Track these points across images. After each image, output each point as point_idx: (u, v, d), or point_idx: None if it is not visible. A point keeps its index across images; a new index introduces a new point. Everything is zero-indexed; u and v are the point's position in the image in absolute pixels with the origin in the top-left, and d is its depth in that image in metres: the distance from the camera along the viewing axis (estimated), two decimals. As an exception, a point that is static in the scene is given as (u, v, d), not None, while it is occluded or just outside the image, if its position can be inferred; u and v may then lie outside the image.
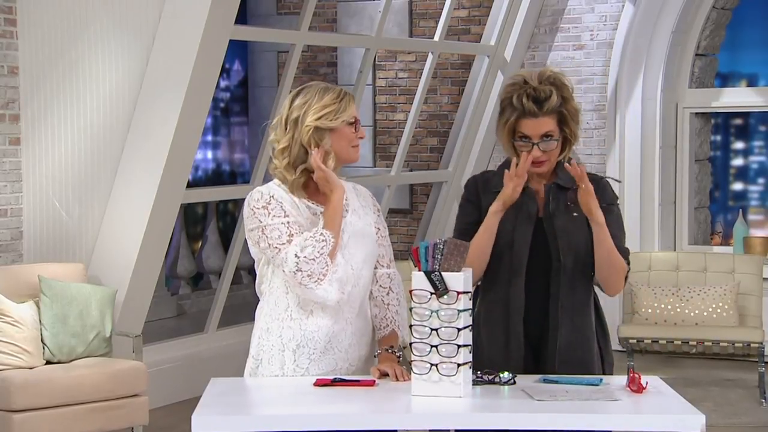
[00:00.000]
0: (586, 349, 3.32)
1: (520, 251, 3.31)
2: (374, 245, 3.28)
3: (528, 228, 3.32)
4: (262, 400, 3.08)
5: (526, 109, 3.28)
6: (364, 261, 3.24)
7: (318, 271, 3.12)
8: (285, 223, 3.16)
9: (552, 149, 3.31)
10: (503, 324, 3.33)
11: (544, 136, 3.30)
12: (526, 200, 3.34)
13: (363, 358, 3.29)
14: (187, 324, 8.27)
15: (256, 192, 3.24)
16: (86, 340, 5.73)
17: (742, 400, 6.77)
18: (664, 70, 8.18)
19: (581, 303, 3.34)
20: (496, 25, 8.45)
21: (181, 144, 6.06)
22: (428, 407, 2.95)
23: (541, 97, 3.28)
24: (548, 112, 3.28)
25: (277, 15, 10.01)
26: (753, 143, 9.27)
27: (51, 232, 6.26)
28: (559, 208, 3.33)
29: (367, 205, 3.34)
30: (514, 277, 3.32)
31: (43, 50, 6.19)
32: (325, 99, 3.20)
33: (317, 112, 3.18)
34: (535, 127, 3.29)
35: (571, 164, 3.26)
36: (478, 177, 3.47)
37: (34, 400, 5.32)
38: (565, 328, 3.30)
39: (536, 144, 3.29)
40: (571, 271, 3.31)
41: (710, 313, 6.88)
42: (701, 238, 8.53)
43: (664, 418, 2.88)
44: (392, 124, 9.33)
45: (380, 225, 3.34)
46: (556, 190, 3.35)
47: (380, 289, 3.31)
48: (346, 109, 3.20)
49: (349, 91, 3.26)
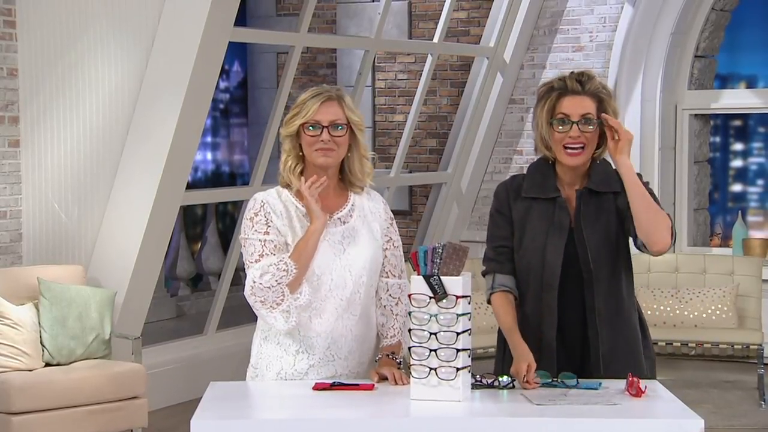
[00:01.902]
0: (629, 352, 3.28)
1: (552, 265, 3.26)
2: (378, 252, 3.26)
3: (560, 241, 3.26)
4: (261, 404, 3.08)
5: (569, 86, 3.26)
6: (363, 267, 3.23)
7: (271, 299, 3.12)
8: (261, 240, 3.16)
9: (590, 132, 3.24)
10: (535, 337, 3.27)
11: (584, 117, 3.25)
12: (558, 211, 3.28)
13: (364, 364, 3.28)
14: (186, 325, 8.27)
15: (252, 199, 3.27)
16: (85, 342, 5.73)
17: (741, 401, 6.77)
18: (664, 72, 8.18)
19: (620, 309, 3.27)
20: (495, 27, 8.45)
21: (180, 145, 6.06)
22: (427, 411, 2.94)
23: (583, 78, 3.29)
24: (590, 92, 3.25)
25: (277, 16, 10.01)
26: (752, 145, 9.27)
27: (50, 234, 6.26)
28: (591, 215, 3.27)
29: (377, 211, 3.31)
30: (547, 291, 3.27)
31: (42, 52, 6.19)
32: (297, 102, 3.23)
33: (289, 114, 3.22)
34: (576, 105, 3.24)
35: (604, 118, 3.21)
36: (508, 184, 3.39)
37: (34, 403, 5.32)
38: (605, 336, 3.25)
39: (576, 123, 3.24)
40: (606, 279, 3.25)
41: (709, 315, 6.88)
42: (700, 240, 8.53)
43: (662, 422, 2.88)
44: (392, 126, 9.33)
45: (392, 234, 3.31)
46: (588, 195, 3.29)
47: (390, 298, 3.30)
48: (302, 113, 3.18)
49: (330, 92, 3.21)
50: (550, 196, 3.31)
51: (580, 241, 3.27)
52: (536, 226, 3.30)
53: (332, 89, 3.25)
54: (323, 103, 3.19)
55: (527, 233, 3.31)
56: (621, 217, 3.28)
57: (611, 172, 3.33)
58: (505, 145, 8.71)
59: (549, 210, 3.28)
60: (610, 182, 3.30)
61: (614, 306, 3.27)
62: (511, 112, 8.63)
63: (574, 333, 3.28)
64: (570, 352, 3.28)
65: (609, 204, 3.29)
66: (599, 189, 3.29)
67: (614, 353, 3.25)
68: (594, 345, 3.26)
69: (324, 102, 3.19)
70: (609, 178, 3.31)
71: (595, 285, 3.26)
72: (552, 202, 3.30)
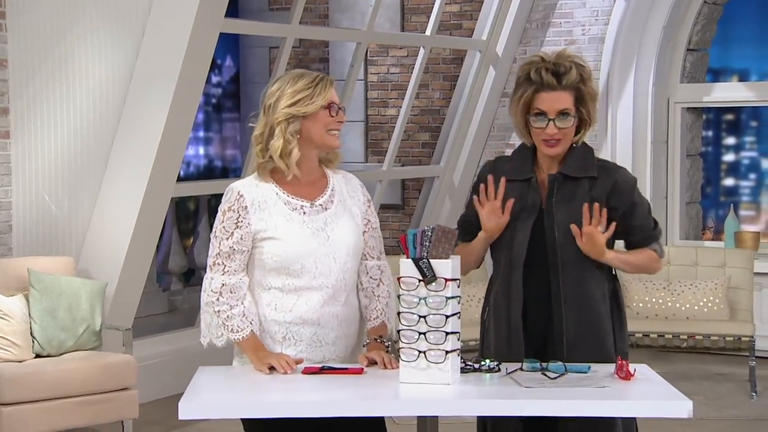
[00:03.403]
0: (597, 341, 3.25)
1: (519, 245, 3.26)
2: (359, 237, 3.26)
3: (529, 220, 3.25)
4: (249, 387, 3.06)
5: (545, 81, 3.19)
6: (348, 253, 3.22)
7: (208, 318, 3.20)
8: (222, 241, 3.15)
9: (568, 127, 3.21)
10: (506, 317, 3.28)
11: (561, 113, 3.22)
12: (531, 192, 3.27)
13: (350, 347, 3.27)
14: (178, 320, 8.25)
15: (228, 189, 3.23)
16: (76, 333, 5.71)
17: (733, 393, 6.77)
18: (656, 65, 8.18)
19: (590, 296, 3.25)
20: (487, 20, 8.45)
21: (171, 137, 6.04)
22: (416, 394, 2.93)
23: (560, 71, 3.20)
24: (567, 86, 3.19)
25: (269, 11, 10.01)
26: (744, 139, 9.28)
27: (41, 225, 6.24)
28: (563, 200, 3.24)
29: (356, 195, 3.31)
30: (514, 270, 3.27)
31: (32, 43, 6.17)
32: (299, 84, 3.17)
33: (290, 98, 3.16)
34: (553, 101, 3.20)
35: (594, 210, 3.18)
36: (491, 163, 3.40)
37: (23, 394, 5.29)
38: (571, 322, 3.22)
39: (552, 120, 3.21)
40: (572, 264, 3.22)
41: (701, 307, 6.88)
42: (693, 233, 8.53)
43: (651, 404, 2.88)
44: (384, 120, 9.32)
45: (370, 216, 3.31)
46: (562, 180, 3.27)
47: (371, 280, 3.29)
48: (320, 94, 3.16)
49: (327, 76, 3.22)
50: (526, 177, 3.31)
51: (549, 225, 3.26)
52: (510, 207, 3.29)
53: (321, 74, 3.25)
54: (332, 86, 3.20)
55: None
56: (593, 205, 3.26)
57: (590, 158, 3.31)
58: (497, 139, 8.70)
59: (523, 191, 3.27)
60: (587, 168, 3.29)
61: (580, 292, 3.24)
62: (503, 106, 8.63)
63: (538, 315, 3.28)
64: (533, 333, 3.27)
65: (583, 190, 3.27)
66: (574, 174, 3.28)
67: (579, 340, 3.23)
68: (558, 330, 3.25)
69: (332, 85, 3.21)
70: (586, 164, 3.29)
71: (561, 270, 3.24)
72: (527, 183, 3.30)
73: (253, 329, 3.16)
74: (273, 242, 3.16)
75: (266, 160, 3.20)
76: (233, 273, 3.17)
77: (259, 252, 3.18)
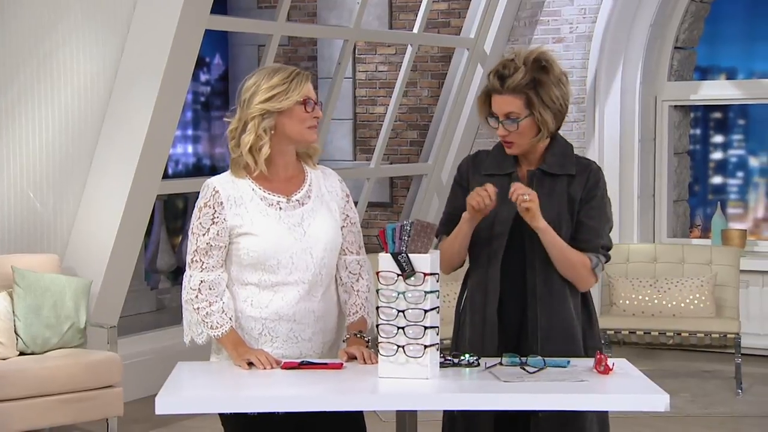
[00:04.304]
0: (568, 338, 3.25)
1: (498, 238, 3.26)
2: (337, 232, 3.24)
3: (509, 214, 3.25)
4: (227, 382, 3.05)
5: (491, 84, 3.26)
6: (325, 249, 3.21)
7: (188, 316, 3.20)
8: (199, 238, 3.14)
9: (514, 131, 3.23)
10: (481, 310, 3.29)
11: (507, 116, 3.24)
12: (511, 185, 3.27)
13: (328, 344, 3.26)
14: (166, 318, 8.23)
15: (204, 185, 3.22)
16: (60, 331, 5.69)
17: (719, 390, 6.78)
18: (643, 63, 8.19)
19: (559, 293, 3.25)
20: (475, 18, 8.44)
21: (156, 134, 6.03)
22: (395, 388, 2.93)
23: (505, 74, 3.22)
24: (510, 90, 3.20)
25: (258, 9, 10.00)
26: (732, 137, 9.29)
27: (25, 223, 6.22)
28: (541, 196, 3.23)
29: (334, 190, 3.29)
30: (491, 264, 3.27)
31: (17, 41, 6.14)
32: (274, 80, 3.15)
33: (265, 93, 3.14)
34: (500, 104, 3.24)
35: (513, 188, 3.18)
36: (471, 158, 3.41)
37: (7, 391, 5.27)
38: (544, 319, 3.23)
39: (501, 122, 3.25)
40: (544, 260, 3.23)
41: (687, 304, 6.89)
42: (680, 231, 8.54)
43: (629, 397, 2.88)
44: (372, 118, 9.31)
45: (349, 211, 3.30)
46: (541, 176, 3.27)
47: (350, 275, 3.28)
48: (295, 89, 3.14)
49: (303, 71, 3.20)
50: (507, 171, 3.32)
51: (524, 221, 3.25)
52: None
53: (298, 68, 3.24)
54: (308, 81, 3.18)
55: None
56: (570, 203, 3.27)
57: (569, 154, 3.32)
58: (485, 137, 8.69)
59: (504, 185, 3.27)
60: (566, 165, 3.29)
61: (549, 288, 3.24)
62: (491, 104, 8.62)
63: (513, 310, 3.27)
64: (508, 328, 3.27)
65: (562, 187, 3.28)
66: (552, 171, 3.28)
67: (551, 335, 3.23)
68: (532, 324, 3.25)
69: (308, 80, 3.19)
70: (565, 161, 3.30)
71: (536, 265, 3.24)
72: (507, 178, 3.30)
73: (232, 325, 3.15)
74: (249, 238, 3.15)
75: (239, 156, 3.19)
76: (211, 269, 3.16)
77: (236, 248, 3.17)
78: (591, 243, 3.26)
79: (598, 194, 3.29)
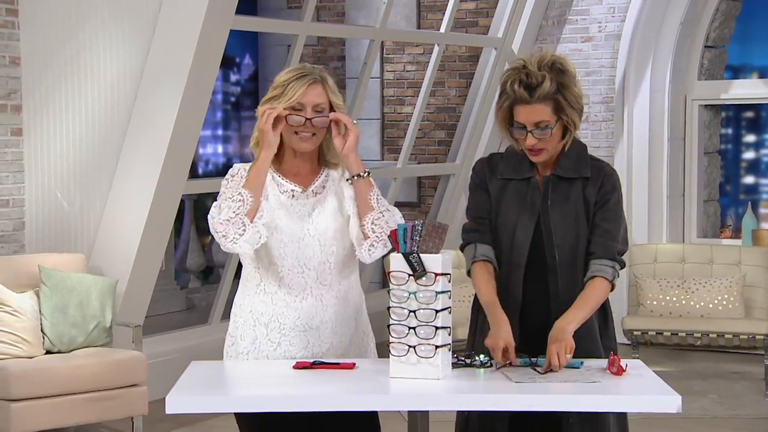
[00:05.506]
0: (590, 339, 3.24)
1: (520, 246, 3.24)
2: (345, 223, 3.23)
3: (531, 221, 3.24)
4: (239, 381, 3.06)
5: (518, 95, 3.18)
6: (333, 237, 3.21)
7: (233, 232, 3.10)
8: (231, 196, 3.13)
9: (546, 138, 3.20)
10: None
11: (538, 125, 3.20)
12: (531, 191, 3.26)
13: (344, 345, 3.25)
14: (195, 318, 8.27)
15: (232, 167, 3.28)
16: (86, 330, 5.73)
17: (747, 392, 6.71)
18: (673, 62, 8.12)
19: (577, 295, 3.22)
20: (503, 18, 8.41)
21: (182, 134, 6.05)
22: (406, 389, 2.92)
23: (533, 84, 3.17)
24: (541, 99, 3.16)
25: (288, 9, 10.03)
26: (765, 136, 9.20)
27: (53, 222, 6.28)
28: (557, 201, 3.23)
29: None
30: (513, 271, 3.25)
31: (44, 40, 6.20)
32: (279, 80, 3.17)
33: (269, 92, 3.18)
34: (528, 114, 3.18)
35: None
36: (485, 161, 3.38)
37: (33, 390, 5.32)
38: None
39: (530, 132, 3.20)
40: (568, 266, 3.22)
41: (716, 305, 6.82)
42: (710, 231, 8.46)
43: (641, 398, 2.85)
44: (400, 117, 9.31)
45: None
46: (556, 181, 3.26)
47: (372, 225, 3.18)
48: (287, 94, 3.13)
49: (313, 74, 3.15)
50: (525, 176, 3.29)
51: (546, 227, 3.24)
52: (510, 206, 3.28)
53: (315, 70, 3.19)
54: (309, 86, 3.14)
55: (501, 212, 3.30)
56: (587, 206, 3.25)
57: (583, 157, 3.29)
58: (513, 137, 8.67)
59: (522, 190, 3.25)
60: (580, 168, 3.27)
61: (571, 294, 3.22)
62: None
63: (536, 315, 3.24)
64: (532, 333, 3.22)
65: (577, 191, 3.26)
66: (568, 175, 3.26)
67: (575, 339, 3.17)
68: None
69: (310, 85, 3.14)
70: (579, 163, 3.27)
71: (558, 271, 3.22)
72: (526, 183, 3.28)
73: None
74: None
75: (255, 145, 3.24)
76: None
77: None
78: (607, 247, 3.24)
79: (613, 198, 3.28)
